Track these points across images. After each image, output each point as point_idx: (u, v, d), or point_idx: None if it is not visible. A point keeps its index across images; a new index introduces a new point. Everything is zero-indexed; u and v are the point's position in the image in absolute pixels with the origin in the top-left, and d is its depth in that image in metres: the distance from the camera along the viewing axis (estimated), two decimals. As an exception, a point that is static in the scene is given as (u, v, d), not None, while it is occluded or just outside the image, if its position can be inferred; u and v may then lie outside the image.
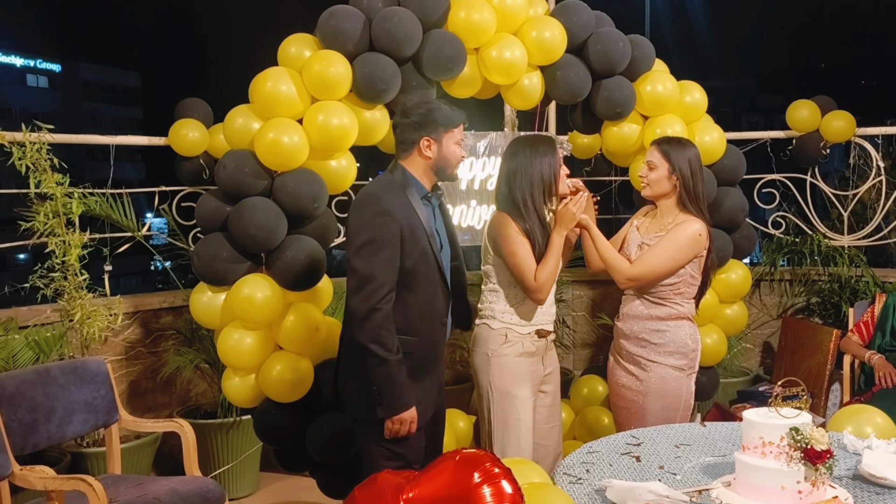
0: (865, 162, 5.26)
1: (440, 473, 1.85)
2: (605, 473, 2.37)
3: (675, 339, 3.16)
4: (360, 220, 2.68)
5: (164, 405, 4.53)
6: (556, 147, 3.10)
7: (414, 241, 2.70)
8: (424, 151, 2.79)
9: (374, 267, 2.62)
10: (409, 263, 2.70)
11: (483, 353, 3.13)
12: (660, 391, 3.15)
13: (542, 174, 3.03)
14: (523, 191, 3.03)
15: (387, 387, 2.64)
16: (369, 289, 2.61)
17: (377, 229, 2.64)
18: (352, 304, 2.65)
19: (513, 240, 3.02)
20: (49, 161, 3.88)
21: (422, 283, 2.75)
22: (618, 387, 3.28)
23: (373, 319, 2.60)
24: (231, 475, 4.31)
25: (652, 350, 3.16)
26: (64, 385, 3.28)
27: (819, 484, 2.08)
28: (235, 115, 3.52)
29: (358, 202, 2.75)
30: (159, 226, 4.96)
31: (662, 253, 3.11)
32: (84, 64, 35.97)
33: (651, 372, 3.16)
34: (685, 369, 3.18)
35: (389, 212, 2.66)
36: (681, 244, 3.11)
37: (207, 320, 3.59)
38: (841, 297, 5.00)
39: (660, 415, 3.14)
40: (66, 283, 3.89)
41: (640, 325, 3.19)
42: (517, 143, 3.12)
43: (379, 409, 2.66)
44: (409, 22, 3.46)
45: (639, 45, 3.95)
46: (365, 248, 2.64)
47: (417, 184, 2.81)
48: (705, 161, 4.06)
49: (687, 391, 3.20)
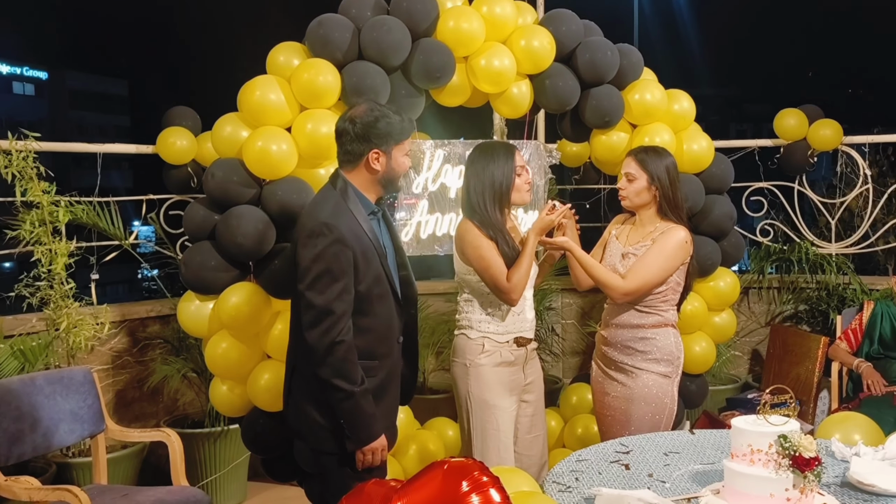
0: (852, 170, 5.29)
1: (428, 482, 1.84)
2: (595, 481, 2.36)
3: (661, 346, 3.16)
4: (312, 250, 2.54)
5: (152, 415, 4.50)
6: (512, 154, 3.08)
7: (367, 265, 2.61)
8: (373, 164, 2.66)
9: (331, 299, 2.51)
10: (363, 288, 2.60)
11: (461, 364, 3.13)
12: (645, 398, 3.15)
13: (493, 180, 3.03)
14: (477, 196, 3.03)
15: (355, 419, 2.57)
16: (328, 323, 2.51)
17: (332, 260, 2.52)
18: (309, 340, 2.53)
19: (479, 245, 3.00)
20: (35, 169, 3.85)
21: (377, 306, 2.66)
22: (603, 395, 3.27)
23: (335, 353, 2.51)
24: (219, 485, 4.28)
25: (638, 357, 3.16)
26: (50, 395, 3.25)
27: (807, 491, 2.08)
28: (224, 123, 3.51)
29: (308, 230, 2.57)
30: (146, 234, 4.94)
31: (653, 263, 3.11)
32: (71, 72, 35.83)
33: (637, 379, 3.16)
34: (670, 376, 3.19)
35: (342, 240, 2.54)
36: (669, 253, 3.11)
37: (195, 329, 3.58)
38: (829, 305, 5.02)
39: (645, 421, 3.14)
40: (52, 292, 3.86)
41: (626, 333, 3.18)
42: (475, 149, 3.13)
43: (349, 443, 2.59)
44: (398, 31, 3.46)
45: (627, 54, 3.97)
46: (320, 280, 2.52)
47: (363, 198, 2.69)
48: (693, 169, 4.09)
49: (671, 398, 3.20)
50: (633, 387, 3.16)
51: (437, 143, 4.04)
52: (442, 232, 4.04)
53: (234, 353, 3.42)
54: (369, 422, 2.59)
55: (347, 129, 2.67)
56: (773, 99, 20.90)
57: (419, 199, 3.99)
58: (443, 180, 4.04)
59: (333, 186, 2.69)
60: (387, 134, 2.65)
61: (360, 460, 2.62)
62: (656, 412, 3.17)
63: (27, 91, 35.24)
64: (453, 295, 4.17)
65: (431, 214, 4.02)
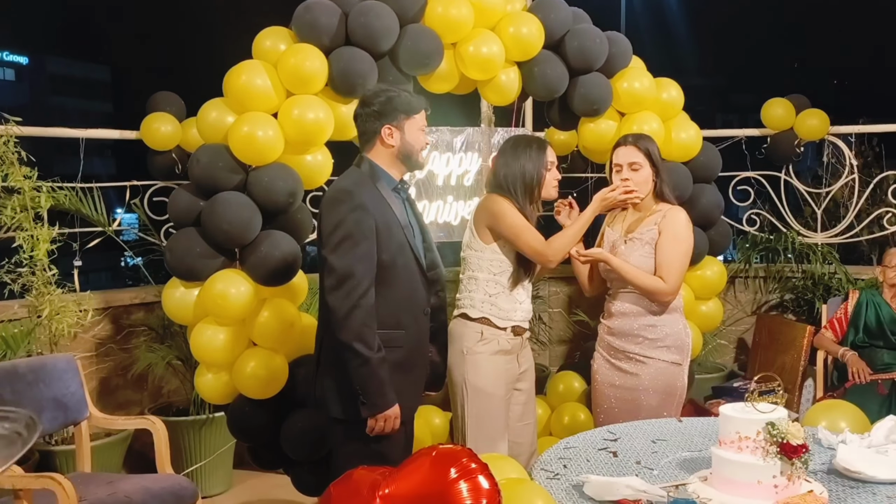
0: (838, 160, 5.31)
1: (416, 469, 1.83)
2: (583, 469, 2.36)
3: (671, 332, 3.15)
4: (335, 216, 2.62)
5: (136, 402, 4.46)
6: (545, 149, 3.10)
7: (389, 235, 2.67)
8: (387, 140, 2.73)
9: (353, 263, 2.58)
10: (386, 257, 2.66)
11: (458, 351, 3.12)
12: (657, 386, 3.14)
13: (524, 172, 3.06)
14: (509, 184, 3.07)
15: (370, 385, 2.59)
16: (349, 286, 2.57)
17: (353, 225, 2.60)
18: (331, 303, 2.59)
19: (511, 214, 3.02)
20: (17, 154, 3.80)
21: (401, 276, 2.71)
22: (609, 387, 3.22)
23: (355, 317, 2.56)
24: (204, 473, 4.26)
25: (647, 346, 3.14)
26: (32, 382, 3.21)
27: (795, 478, 2.08)
28: (209, 108, 3.47)
29: (330, 198, 2.68)
30: (130, 221, 4.89)
31: (678, 252, 3.11)
32: (52, 57, 35.39)
33: (648, 367, 3.14)
34: (681, 363, 3.18)
35: (364, 206, 2.62)
36: (683, 236, 3.14)
37: (180, 316, 3.55)
38: (814, 294, 5.04)
39: (654, 410, 3.12)
40: (34, 279, 3.81)
41: (633, 321, 3.16)
42: (509, 139, 3.19)
43: (362, 409, 2.62)
44: (386, 16, 3.43)
45: (616, 42, 3.95)
46: (342, 244, 2.59)
47: (386, 175, 2.76)
48: (682, 158, 4.09)
49: (682, 386, 3.20)
50: (644, 375, 3.14)
51: (424, 129, 4.01)
52: (429, 219, 4.03)
53: (219, 340, 3.39)
54: (384, 389, 2.61)
55: (359, 112, 2.77)
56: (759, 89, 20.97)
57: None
58: (430, 167, 4.03)
59: (357, 166, 2.78)
60: (394, 109, 2.73)
61: (371, 427, 2.64)
62: (667, 401, 3.15)
63: (7, 76, 34.80)
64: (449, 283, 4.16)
65: (419, 202, 4.00)
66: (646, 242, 3.13)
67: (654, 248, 3.12)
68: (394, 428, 2.67)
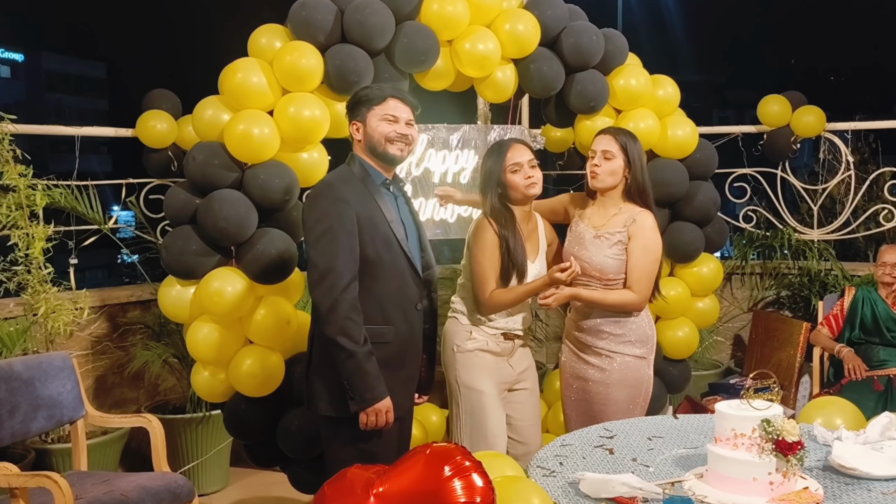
0: (835, 157, 5.32)
1: (411, 467, 1.83)
2: (579, 466, 2.36)
3: (635, 328, 3.18)
4: (315, 210, 2.64)
5: (132, 400, 4.46)
6: (505, 152, 3.12)
7: (373, 229, 2.66)
8: (355, 136, 2.78)
9: (333, 257, 2.58)
10: (371, 251, 2.65)
11: (450, 349, 3.16)
12: (624, 381, 3.17)
13: (486, 175, 3.15)
14: (480, 189, 3.19)
15: (357, 379, 2.58)
16: (330, 280, 2.57)
17: (333, 218, 2.60)
18: (314, 298, 2.61)
19: (482, 246, 3.07)
20: (12, 152, 3.80)
21: (389, 271, 2.70)
22: (578, 380, 3.27)
23: (337, 311, 2.56)
24: (201, 470, 4.26)
25: (613, 340, 3.17)
26: (28, 381, 3.21)
27: (790, 475, 2.09)
28: (205, 106, 3.46)
29: (312, 193, 2.72)
30: (126, 219, 4.88)
31: (646, 261, 3.13)
32: (48, 54, 35.30)
33: (614, 362, 3.17)
34: (646, 357, 3.21)
35: (345, 199, 2.62)
36: (652, 243, 3.16)
37: (176, 314, 3.54)
38: (810, 291, 5.05)
39: (622, 404, 3.16)
40: (29, 277, 3.80)
41: (598, 317, 3.18)
42: None
43: (351, 403, 2.61)
44: (382, 13, 3.42)
45: (612, 39, 3.95)
46: (322, 238, 2.60)
47: (374, 171, 2.77)
48: (678, 155, 4.09)
49: (648, 379, 3.23)
50: (611, 370, 3.17)
51: (420, 127, 3.99)
52: (426, 217, 4.01)
53: (215, 338, 3.38)
54: (373, 382, 2.59)
55: None
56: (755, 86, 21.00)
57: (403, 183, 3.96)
58: (426, 165, 4.02)
59: (347, 164, 2.81)
60: (358, 103, 2.77)
61: (363, 422, 2.62)
62: (635, 394, 3.19)
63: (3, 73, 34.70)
64: (444, 280, 4.16)
65: (415, 199, 3.99)
66: (615, 243, 3.15)
67: (625, 250, 3.13)
68: (387, 422, 2.65)
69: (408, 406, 2.84)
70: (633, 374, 3.17)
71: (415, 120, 2.83)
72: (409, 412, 2.94)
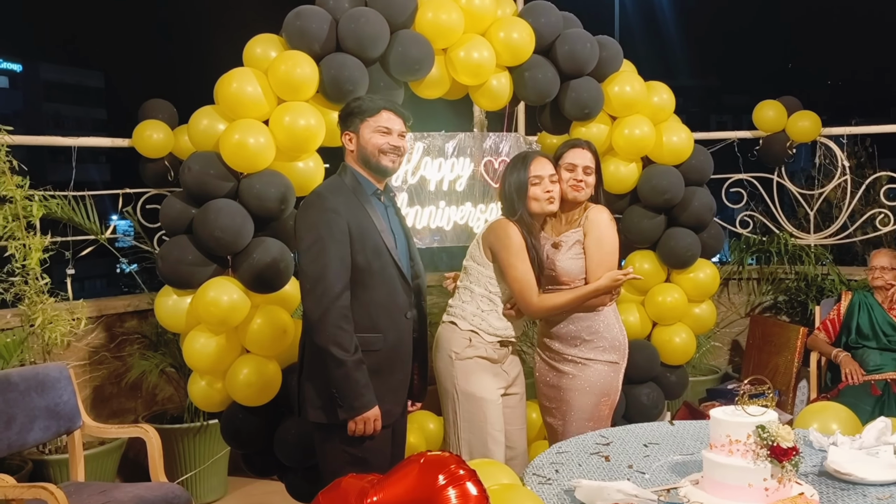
0: (831, 161, 5.33)
1: (405, 476, 1.83)
2: (575, 473, 2.36)
3: (608, 334, 3.19)
4: (306, 221, 2.67)
5: (130, 410, 4.46)
6: (528, 163, 3.13)
7: (364, 238, 2.68)
8: (348, 146, 2.80)
9: (324, 267, 2.60)
10: (361, 260, 2.67)
11: (446, 356, 3.13)
12: (593, 388, 3.17)
13: (510, 185, 3.15)
14: (504, 200, 3.18)
15: (347, 387, 2.60)
16: (320, 289, 2.59)
17: (324, 228, 2.62)
18: (305, 307, 2.64)
19: (516, 250, 3.07)
20: (8, 163, 3.80)
21: (378, 280, 2.71)
22: (547, 387, 3.28)
23: (328, 320, 2.58)
24: (198, 480, 4.25)
25: (585, 348, 3.18)
26: (24, 391, 3.21)
27: (785, 481, 2.09)
28: (200, 116, 3.47)
29: (304, 203, 2.75)
30: (125, 228, 4.89)
31: (602, 253, 3.15)
32: (46, 64, 35.35)
33: (587, 369, 3.18)
34: (619, 362, 3.23)
35: (335, 209, 2.65)
36: (607, 237, 3.18)
37: (173, 324, 3.54)
38: (807, 296, 5.06)
39: (587, 411, 3.17)
40: (26, 288, 3.81)
41: (569, 323, 3.19)
42: None
43: (341, 411, 2.63)
44: (376, 22, 3.43)
45: (606, 46, 3.96)
46: (312, 248, 2.62)
47: (365, 181, 2.79)
48: (673, 161, 4.10)
49: (617, 386, 3.25)
50: (583, 377, 3.18)
51: (416, 135, 4.02)
52: (422, 225, 4.02)
53: (212, 347, 3.38)
54: (361, 391, 2.61)
55: None
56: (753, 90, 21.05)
57: (398, 191, 3.96)
58: (422, 173, 4.02)
59: (339, 174, 2.83)
60: (351, 114, 2.78)
61: (351, 430, 2.64)
62: (604, 402, 3.20)
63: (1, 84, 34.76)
64: (434, 287, 4.16)
65: (411, 207, 3.99)
66: (573, 244, 3.18)
67: (582, 247, 3.17)
68: (375, 430, 2.66)
69: (398, 413, 2.84)
70: (604, 382, 3.18)
71: (407, 131, 2.85)
72: (402, 419, 2.94)
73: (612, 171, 4.03)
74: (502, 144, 4.25)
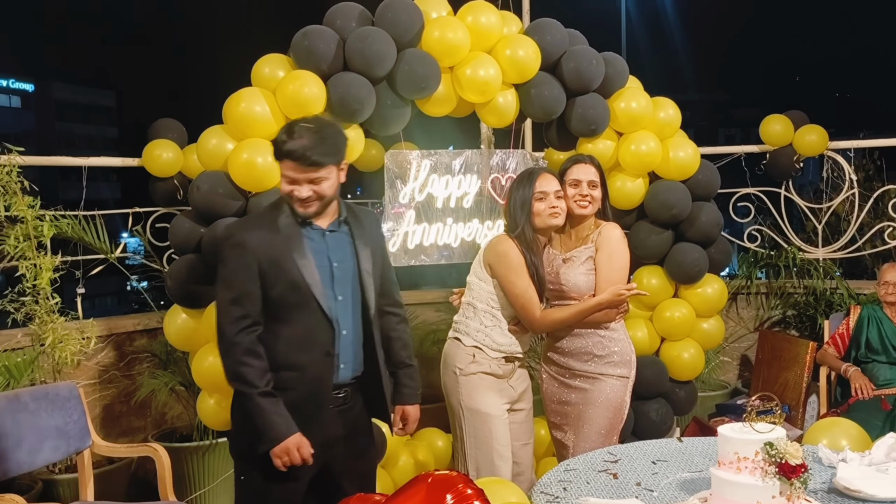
0: (839, 175, 5.32)
1: (412, 496, 1.83)
2: (583, 491, 2.36)
3: (619, 349, 3.19)
4: (218, 255, 2.67)
5: (139, 429, 4.47)
6: (534, 179, 3.17)
7: (277, 272, 2.56)
8: None
9: (226, 302, 2.56)
10: (275, 294, 2.57)
11: (451, 373, 3.15)
12: (605, 402, 3.17)
13: (514, 201, 3.19)
14: (508, 216, 3.21)
15: (259, 420, 2.52)
16: (223, 323, 2.56)
17: (229, 264, 2.58)
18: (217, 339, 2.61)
19: (515, 268, 3.09)
20: (19, 183, 3.83)
21: (295, 315, 2.59)
22: (557, 404, 3.27)
23: (231, 355, 2.54)
24: (207, 499, 4.24)
25: (597, 363, 3.18)
26: (34, 411, 3.22)
27: (794, 498, 2.08)
28: (209, 135, 3.49)
29: (219, 235, 2.75)
30: (135, 246, 4.91)
31: (612, 269, 3.16)
32: (58, 83, 35.72)
33: (599, 383, 3.17)
34: (627, 377, 3.22)
35: (242, 244, 2.56)
36: (618, 253, 3.19)
37: (182, 343, 3.56)
38: (816, 310, 5.04)
39: (597, 425, 3.16)
40: (37, 307, 3.83)
41: (580, 338, 3.19)
42: None
43: (259, 445, 2.55)
44: (383, 42, 3.46)
45: (612, 63, 3.98)
46: (219, 284, 2.59)
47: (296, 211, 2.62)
48: (680, 177, 4.10)
49: (626, 398, 3.24)
50: (595, 391, 3.17)
51: (423, 153, 4.04)
52: (429, 242, 4.03)
53: (220, 366, 3.38)
54: (274, 421, 2.53)
55: None
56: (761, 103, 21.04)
57: (406, 209, 3.98)
58: (430, 190, 4.04)
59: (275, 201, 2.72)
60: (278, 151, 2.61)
61: (276, 463, 2.56)
62: (616, 416, 3.20)
63: (13, 103, 35.10)
64: (442, 304, 4.17)
65: (419, 224, 4.01)
66: (585, 259, 3.19)
67: (594, 263, 3.18)
68: (303, 458, 2.55)
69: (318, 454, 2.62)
70: (615, 396, 3.18)
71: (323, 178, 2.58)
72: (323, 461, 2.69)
73: (618, 186, 4.04)
74: (509, 161, 4.26)
